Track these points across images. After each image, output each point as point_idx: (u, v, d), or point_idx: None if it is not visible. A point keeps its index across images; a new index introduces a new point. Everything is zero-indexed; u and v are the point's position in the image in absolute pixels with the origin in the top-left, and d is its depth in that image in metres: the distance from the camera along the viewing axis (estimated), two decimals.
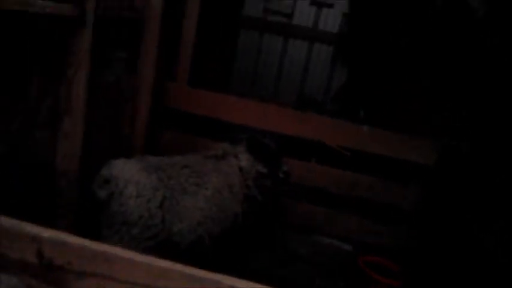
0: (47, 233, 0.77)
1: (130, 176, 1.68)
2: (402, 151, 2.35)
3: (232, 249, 1.86)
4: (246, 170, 1.91)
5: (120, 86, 2.24)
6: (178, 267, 0.73)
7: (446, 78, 3.00)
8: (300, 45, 4.51)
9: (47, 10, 1.47)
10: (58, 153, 1.77)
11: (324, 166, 2.53)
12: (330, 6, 4.24)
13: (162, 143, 2.51)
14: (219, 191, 1.78)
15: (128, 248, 1.00)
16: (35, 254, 0.77)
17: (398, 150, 2.35)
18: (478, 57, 2.68)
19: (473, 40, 2.91)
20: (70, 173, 1.79)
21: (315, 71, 4.49)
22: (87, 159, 1.84)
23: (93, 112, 1.85)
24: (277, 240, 2.15)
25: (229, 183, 1.83)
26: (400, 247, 2.37)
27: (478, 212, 1.96)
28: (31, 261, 0.77)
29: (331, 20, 4.29)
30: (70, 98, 1.74)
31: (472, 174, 2.09)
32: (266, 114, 2.49)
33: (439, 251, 2.09)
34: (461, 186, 2.12)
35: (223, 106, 2.46)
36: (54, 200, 1.79)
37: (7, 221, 0.78)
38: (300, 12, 4.42)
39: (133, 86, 2.30)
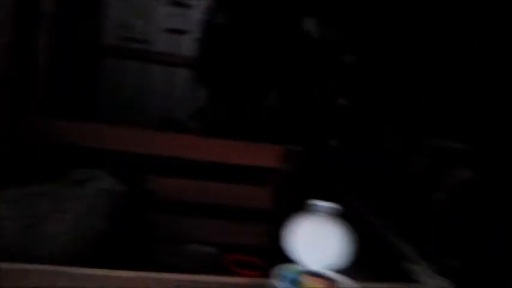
0: None
1: None
2: (254, 158, 2.66)
3: (102, 266, 1.95)
4: (107, 191, 2.02)
5: None
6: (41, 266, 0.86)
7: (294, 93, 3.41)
8: (161, 70, 4.66)
9: None
10: None
11: (189, 180, 2.73)
12: (185, 32, 4.48)
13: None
14: (81, 213, 1.87)
15: None
16: None
17: (249, 157, 2.65)
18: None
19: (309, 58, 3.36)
20: None
21: (178, 93, 4.69)
22: None
23: None
24: (147, 254, 2.27)
25: (90, 205, 1.92)
26: (263, 244, 2.65)
27: None
28: None
29: (189, 45, 4.52)
30: None
31: (308, 176, 2.46)
32: (130, 138, 2.63)
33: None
34: (299, 187, 2.47)
35: (82, 133, 2.54)
36: None
37: None
38: (157, 38, 4.59)
39: None
